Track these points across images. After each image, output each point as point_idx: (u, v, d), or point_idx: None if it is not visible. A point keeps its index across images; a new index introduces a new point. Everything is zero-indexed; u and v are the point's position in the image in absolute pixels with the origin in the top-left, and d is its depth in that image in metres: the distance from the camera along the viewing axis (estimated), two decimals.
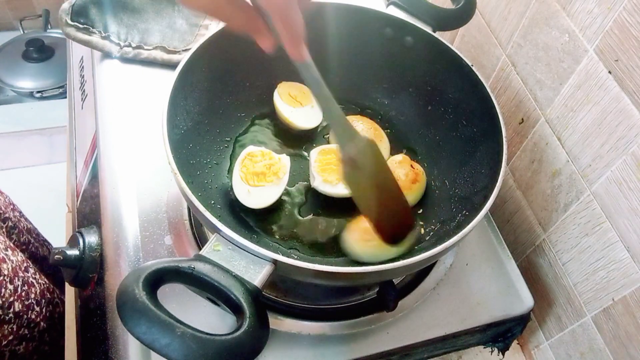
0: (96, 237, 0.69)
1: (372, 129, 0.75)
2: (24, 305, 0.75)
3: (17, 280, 0.75)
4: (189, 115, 0.67)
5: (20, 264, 0.78)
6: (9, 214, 0.95)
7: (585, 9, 0.63)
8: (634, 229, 0.62)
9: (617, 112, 0.61)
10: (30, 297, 0.76)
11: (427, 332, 0.66)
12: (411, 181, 0.69)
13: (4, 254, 0.75)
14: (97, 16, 0.84)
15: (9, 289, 0.72)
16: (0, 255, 0.74)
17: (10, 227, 0.93)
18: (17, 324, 0.73)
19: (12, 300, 0.72)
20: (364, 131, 0.74)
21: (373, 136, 0.74)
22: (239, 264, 0.50)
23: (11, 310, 0.72)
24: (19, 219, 0.98)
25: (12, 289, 0.73)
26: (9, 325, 0.72)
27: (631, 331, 0.65)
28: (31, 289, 0.77)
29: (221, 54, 0.69)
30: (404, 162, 0.71)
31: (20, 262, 0.79)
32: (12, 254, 0.78)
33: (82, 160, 0.87)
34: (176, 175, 0.55)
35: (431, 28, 0.74)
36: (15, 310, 0.72)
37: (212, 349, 0.42)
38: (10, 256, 0.77)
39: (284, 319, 0.64)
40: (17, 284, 0.74)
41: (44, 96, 2.00)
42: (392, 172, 0.69)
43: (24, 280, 0.77)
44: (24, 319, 0.74)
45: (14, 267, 0.76)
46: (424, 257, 0.53)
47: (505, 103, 0.82)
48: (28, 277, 0.78)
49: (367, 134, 0.73)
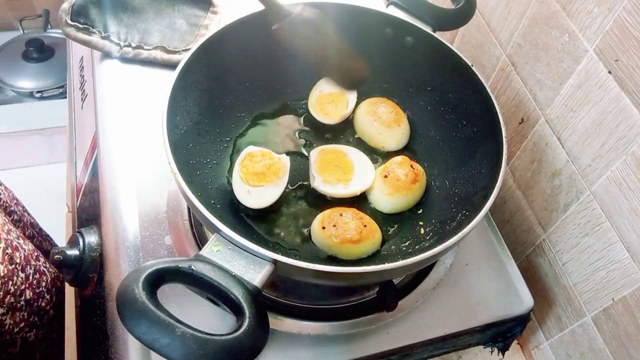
0: (96, 237, 0.69)
1: (394, 112, 0.76)
2: (35, 293, 0.75)
3: (29, 269, 0.75)
4: (189, 115, 0.67)
5: (32, 253, 0.79)
6: (14, 208, 0.95)
7: (585, 9, 0.63)
8: (634, 229, 0.62)
9: (617, 112, 0.61)
10: (41, 285, 0.77)
11: (427, 332, 0.66)
12: (411, 181, 0.69)
13: (17, 242, 0.76)
14: (97, 16, 0.84)
15: (20, 277, 0.72)
16: (14, 244, 0.75)
17: (15, 220, 0.94)
18: (28, 312, 0.74)
19: (24, 288, 0.73)
20: (385, 114, 0.76)
21: (394, 120, 0.76)
22: (239, 264, 0.50)
23: (22, 298, 0.72)
24: (22, 213, 0.99)
25: (23, 277, 0.73)
26: (21, 313, 0.72)
27: (631, 331, 0.65)
28: (42, 277, 0.78)
29: (221, 54, 0.69)
30: (404, 162, 0.71)
31: (32, 250, 0.79)
32: (24, 242, 0.79)
33: (82, 160, 0.87)
34: (176, 175, 0.55)
35: (431, 28, 0.74)
36: (26, 298, 0.73)
37: (212, 349, 0.42)
38: (22, 245, 0.78)
39: (284, 319, 0.64)
40: (28, 272, 0.75)
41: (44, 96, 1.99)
42: (393, 172, 0.70)
43: (36, 269, 0.77)
44: (34, 306, 0.75)
45: (26, 255, 0.76)
46: (424, 257, 0.53)
47: (505, 103, 0.82)
48: (39, 265, 0.79)
49: (388, 117, 0.76)
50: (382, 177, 0.70)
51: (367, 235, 0.64)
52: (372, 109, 0.77)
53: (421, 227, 0.69)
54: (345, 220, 0.64)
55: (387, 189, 0.69)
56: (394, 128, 0.75)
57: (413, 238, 0.68)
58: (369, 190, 0.72)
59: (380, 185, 0.70)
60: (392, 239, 0.69)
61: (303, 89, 0.80)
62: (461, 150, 0.72)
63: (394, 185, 0.69)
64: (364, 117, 0.77)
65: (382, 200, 0.70)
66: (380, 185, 0.70)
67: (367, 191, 0.72)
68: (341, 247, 0.63)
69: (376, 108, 0.76)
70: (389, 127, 0.75)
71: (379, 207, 0.71)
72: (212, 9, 0.91)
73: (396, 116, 0.76)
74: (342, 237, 0.63)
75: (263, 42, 0.73)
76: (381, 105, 0.76)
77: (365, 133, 0.77)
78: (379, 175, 0.71)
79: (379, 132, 0.76)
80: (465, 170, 0.70)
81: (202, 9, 0.90)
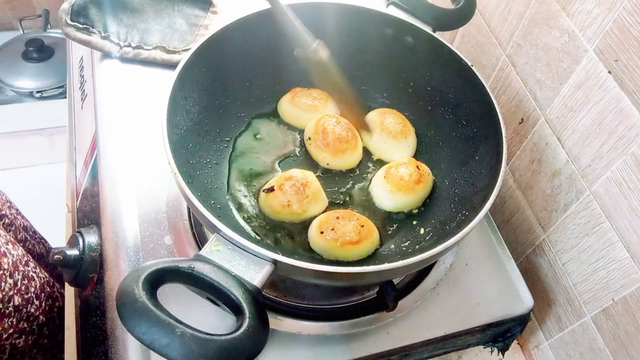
0: (96, 237, 0.69)
1: (401, 123, 0.76)
2: (24, 299, 0.75)
3: (17, 275, 0.75)
4: (189, 115, 0.67)
5: (21, 258, 0.79)
6: (6, 212, 0.95)
7: (585, 9, 0.63)
8: (634, 229, 0.62)
9: (617, 112, 0.61)
10: (30, 290, 0.77)
11: (427, 332, 0.66)
12: (414, 182, 0.69)
13: (5, 248, 0.76)
14: (97, 16, 0.84)
15: (8, 283, 0.72)
16: (2, 250, 0.74)
17: (7, 224, 0.94)
18: (17, 318, 0.74)
19: (12, 294, 0.73)
20: (392, 125, 0.75)
21: (400, 132, 0.75)
22: (238, 264, 0.50)
23: (11, 304, 0.72)
24: (15, 216, 0.98)
25: (11, 282, 0.73)
26: (9, 319, 0.72)
27: (631, 331, 0.65)
28: (31, 283, 0.78)
29: (221, 54, 0.69)
30: (411, 162, 0.71)
31: (21, 256, 0.79)
32: (13, 247, 0.79)
33: (82, 160, 0.87)
34: (176, 175, 0.55)
35: (431, 28, 0.74)
36: (15, 304, 0.73)
37: (212, 349, 0.42)
38: (11, 250, 0.77)
39: (284, 319, 0.64)
40: (17, 278, 0.75)
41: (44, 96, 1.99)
42: (397, 170, 0.70)
43: (24, 274, 0.77)
44: (23, 312, 0.75)
45: (14, 261, 0.76)
46: (424, 257, 0.53)
47: (505, 103, 0.82)
48: (28, 270, 0.79)
49: (395, 128, 0.75)
50: (386, 174, 0.70)
51: (366, 235, 0.64)
52: (380, 118, 0.76)
53: (421, 227, 0.69)
54: (343, 222, 0.64)
55: (390, 186, 0.69)
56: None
57: (413, 238, 0.68)
58: (372, 187, 0.72)
59: (382, 181, 0.70)
60: (391, 239, 0.69)
61: None
62: (461, 150, 0.72)
63: (397, 183, 0.69)
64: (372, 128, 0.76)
65: (384, 197, 0.70)
66: (383, 181, 0.70)
67: (371, 187, 0.72)
68: (342, 249, 0.63)
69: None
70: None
71: (381, 204, 0.71)
72: (212, 9, 0.91)
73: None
74: (342, 240, 0.63)
75: (263, 42, 0.73)
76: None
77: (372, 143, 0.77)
78: (383, 171, 0.71)
79: (385, 141, 0.75)
80: (465, 170, 0.70)
81: (202, 9, 0.90)
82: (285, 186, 0.66)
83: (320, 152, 0.74)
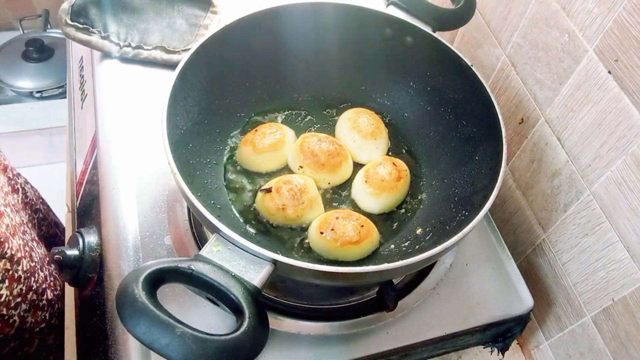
0: (96, 237, 0.69)
1: (374, 125, 0.75)
2: (55, 295, 0.75)
3: (45, 270, 0.75)
4: (189, 115, 0.67)
5: (44, 258, 0.79)
6: (40, 206, 0.96)
7: (585, 9, 0.63)
8: (634, 229, 0.62)
9: (617, 112, 0.61)
10: (57, 288, 0.77)
11: (427, 332, 0.66)
12: (396, 179, 0.69)
13: (31, 244, 0.76)
14: (97, 16, 0.84)
15: (41, 276, 0.72)
16: (30, 245, 0.75)
17: (40, 218, 0.94)
18: (50, 312, 0.74)
19: (45, 287, 0.73)
20: (365, 125, 0.74)
21: (371, 133, 0.74)
22: (238, 264, 0.50)
23: (44, 297, 0.72)
24: (47, 212, 0.99)
25: (43, 276, 0.73)
26: (42, 312, 0.72)
27: (631, 331, 0.65)
28: (57, 282, 0.78)
29: (221, 54, 0.69)
30: (386, 161, 0.71)
31: (44, 255, 0.79)
32: (37, 246, 0.79)
33: (82, 160, 0.87)
34: (176, 175, 0.55)
35: (431, 28, 0.74)
36: (48, 298, 0.73)
37: (212, 349, 0.42)
38: (36, 248, 0.78)
39: (284, 319, 0.64)
40: (46, 273, 0.75)
41: (44, 96, 1.99)
42: (376, 172, 0.69)
43: (50, 272, 0.77)
44: (55, 308, 0.75)
45: (41, 257, 0.77)
46: (424, 257, 0.53)
47: (505, 103, 0.82)
48: (52, 270, 0.79)
49: (366, 128, 0.74)
50: (365, 178, 0.70)
51: (365, 235, 0.64)
52: (354, 117, 0.76)
53: (421, 227, 0.69)
54: (342, 222, 0.64)
55: (373, 190, 0.69)
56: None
57: (413, 238, 0.68)
58: (355, 193, 0.72)
59: (364, 187, 0.70)
60: (391, 239, 0.69)
61: (303, 89, 0.80)
62: (461, 150, 0.72)
63: (379, 185, 0.69)
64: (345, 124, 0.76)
65: (370, 201, 0.70)
66: (365, 187, 0.70)
67: (353, 194, 0.72)
68: (342, 249, 0.63)
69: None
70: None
71: (367, 209, 0.71)
72: (212, 9, 0.91)
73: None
74: (342, 240, 0.63)
75: (263, 42, 0.73)
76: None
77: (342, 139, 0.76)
78: (362, 176, 0.71)
79: (353, 139, 0.74)
80: (465, 170, 0.70)
81: (202, 9, 0.90)
82: (282, 189, 0.66)
83: (317, 174, 0.71)
